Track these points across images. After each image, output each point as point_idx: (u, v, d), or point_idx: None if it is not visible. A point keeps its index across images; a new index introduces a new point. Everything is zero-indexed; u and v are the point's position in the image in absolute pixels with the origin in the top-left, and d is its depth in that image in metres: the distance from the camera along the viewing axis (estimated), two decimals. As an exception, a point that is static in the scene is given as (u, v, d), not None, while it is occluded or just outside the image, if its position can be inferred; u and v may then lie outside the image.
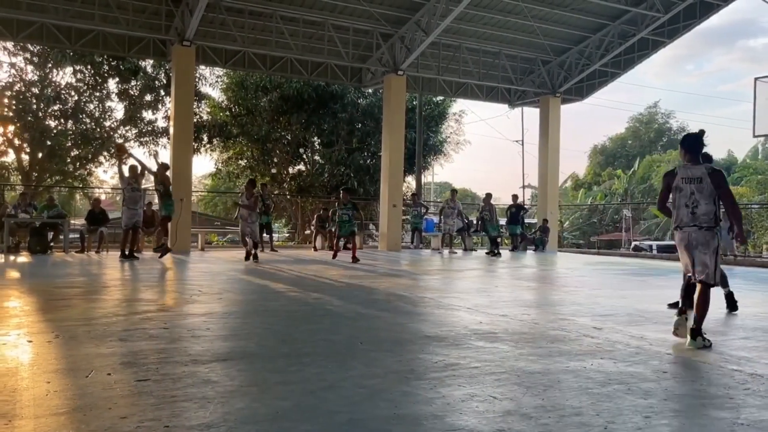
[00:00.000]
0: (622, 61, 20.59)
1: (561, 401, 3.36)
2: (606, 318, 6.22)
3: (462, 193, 60.58)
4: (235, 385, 3.58)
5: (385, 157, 19.08)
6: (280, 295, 7.92)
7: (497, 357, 4.40)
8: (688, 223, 5.05)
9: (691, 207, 5.01)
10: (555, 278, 11.56)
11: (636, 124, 58.64)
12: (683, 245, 5.13)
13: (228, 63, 18.25)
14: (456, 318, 6.25)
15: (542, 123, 21.81)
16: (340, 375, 3.81)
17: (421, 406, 3.26)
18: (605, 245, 37.28)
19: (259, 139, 25.68)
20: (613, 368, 4.14)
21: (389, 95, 18.72)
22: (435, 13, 16.33)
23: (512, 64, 20.66)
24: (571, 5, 17.94)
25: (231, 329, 5.38)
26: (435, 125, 27.85)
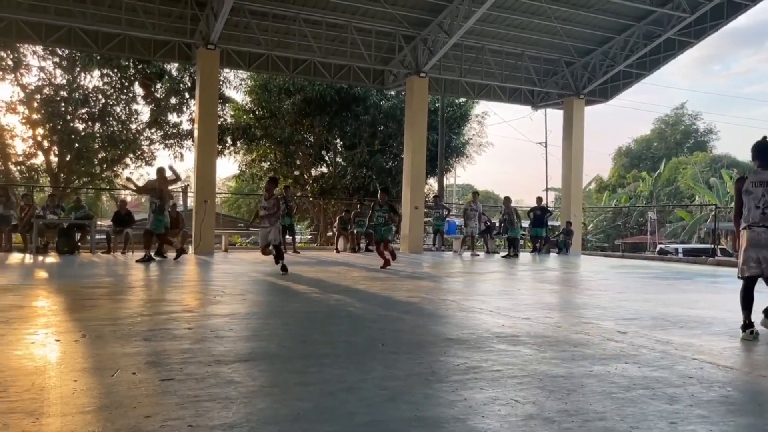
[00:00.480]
0: (647, 61, 20.33)
1: (584, 405, 3.33)
2: (630, 322, 6.14)
3: (484, 195, 60.36)
4: (256, 385, 3.60)
5: (407, 159, 19.08)
6: (302, 296, 7.96)
7: (520, 360, 4.37)
8: (758, 223, 5.30)
9: (762, 208, 5.29)
10: (578, 281, 11.44)
11: (661, 125, 57.89)
12: (752, 243, 5.37)
13: (252, 66, 18.41)
14: (478, 321, 6.21)
15: (566, 125, 21.63)
16: (360, 377, 3.82)
17: (442, 408, 3.25)
18: (630, 248, 36.88)
19: (282, 142, 25.86)
20: (638, 373, 4.09)
21: (411, 97, 18.72)
22: (458, 14, 16.30)
23: (535, 65, 20.53)
24: (595, 6, 17.77)
25: (253, 330, 5.42)
26: (457, 127, 27.78)
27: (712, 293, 9.69)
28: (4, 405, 3.08)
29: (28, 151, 25.18)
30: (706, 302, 8.26)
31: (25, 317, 5.70)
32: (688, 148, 55.23)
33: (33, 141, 24.88)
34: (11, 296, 7.06)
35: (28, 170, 25.33)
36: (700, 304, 7.91)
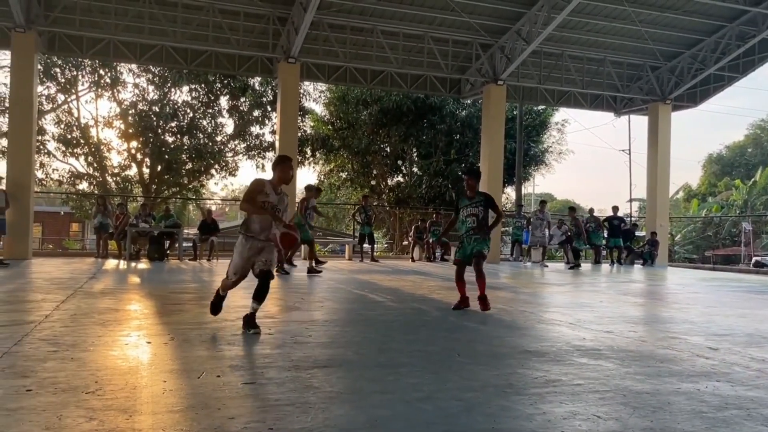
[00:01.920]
0: (740, 64, 19.29)
1: (671, 424, 3.19)
2: (722, 338, 5.82)
3: (563, 204, 58.76)
4: (334, 391, 3.66)
5: (483, 168, 18.86)
6: (378, 305, 8.03)
7: (602, 375, 4.23)
8: None
9: None
10: (664, 294, 10.96)
11: (757, 131, 54.67)
12: None
13: (330, 78, 18.80)
14: (557, 333, 6.06)
15: (651, 131, 20.81)
16: (436, 386, 3.81)
17: (520, 421, 3.19)
18: (722, 260, 34.90)
19: (360, 152, 26.23)
20: (731, 392, 3.87)
21: (488, 105, 18.56)
22: (536, 21, 16.04)
23: (618, 70, 19.89)
24: (683, 8, 17.04)
25: (331, 337, 5.51)
26: (536, 135, 27.30)
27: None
28: (100, 402, 3.28)
29: (123, 163, 26.74)
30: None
31: (120, 320, 6.04)
32: (786, 154, 51.86)
33: (127, 153, 26.40)
34: (107, 300, 7.50)
35: (123, 181, 26.87)
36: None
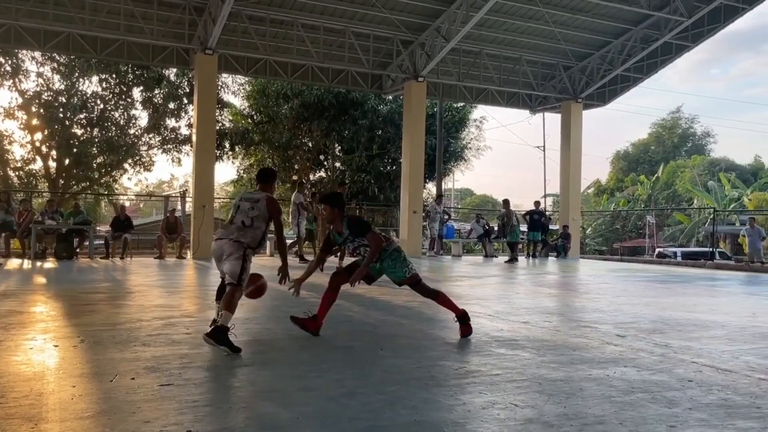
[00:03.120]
0: (645, 65, 20.38)
1: (583, 409, 3.33)
2: (629, 325, 6.14)
3: (482, 199, 60.39)
4: (256, 390, 3.60)
5: (405, 164, 19.11)
6: (301, 301, 7.95)
7: (518, 364, 4.37)
8: None
9: None
10: (577, 285, 11.45)
11: (659, 129, 57.99)
12: None
13: (250, 71, 18.44)
14: (477, 325, 6.21)
15: (564, 129, 21.66)
16: (359, 381, 3.82)
17: (441, 413, 3.25)
18: (628, 252, 36.90)
19: (281, 146, 25.89)
20: (637, 376, 4.09)
21: (409, 101, 18.76)
22: (455, 19, 16.34)
23: (533, 69, 20.58)
24: (593, 10, 17.82)
25: (252, 335, 5.42)
26: (455, 131, 27.82)
27: (710, 297, 9.70)
28: (2, 411, 3.08)
29: (26, 157, 25.18)
30: (705, 306, 8.28)
31: (24, 323, 5.69)
32: (685, 151, 55.33)
33: (31, 146, 24.88)
34: (10, 302, 7.05)
35: (27, 176, 25.31)
36: (699, 308, 7.92)
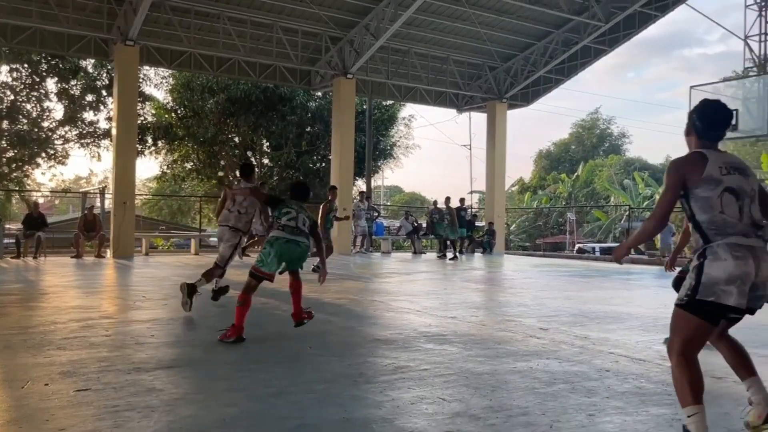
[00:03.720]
0: (565, 68, 21.12)
1: (508, 401, 3.42)
2: (551, 319, 6.36)
3: (411, 196, 60.98)
4: (180, 392, 3.49)
5: (334, 161, 19.04)
6: (227, 300, 7.78)
7: (446, 359, 4.44)
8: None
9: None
10: (502, 280, 11.76)
11: (579, 129, 60.29)
12: None
13: (173, 64, 17.87)
14: (406, 321, 6.27)
15: (489, 128, 22.16)
16: (288, 380, 3.78)
17: (370, 409, 3.26)
18: (550, 248, 38.18)
19: (206, 142, 25.24)
20: (558, 368, 4.23)
21: (339, 98, 18.70)
22: (384, 17, 16.40)
23: (460, 69, 20.94)
24: (517, 13, 18.31)
25: (176, 336, 5.26)
26: (384, 129, 27.94)
27: (625, 290, 10.17)
28: None
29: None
30: (621, 298, 8.67)
31: (-76, 328, 5.30)
32: (603, 151, 57.76)
33: (-67, 139, 23.22)
34: None
35: (-73, 170, 23.63)
36: (615, 301, 8.30)
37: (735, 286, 2.64)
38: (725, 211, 2.73)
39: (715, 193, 2.75)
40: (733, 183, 2.77)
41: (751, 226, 2.75)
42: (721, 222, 2.73)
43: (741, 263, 2.66)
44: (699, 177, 2.77)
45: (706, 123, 2.93)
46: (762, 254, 2.73)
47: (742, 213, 2.75)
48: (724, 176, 2.77)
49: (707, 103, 3.01)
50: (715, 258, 2.70)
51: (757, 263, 2.68)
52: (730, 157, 2.88)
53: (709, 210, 2.75)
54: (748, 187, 2.79)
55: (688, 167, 2.82)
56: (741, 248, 2.69)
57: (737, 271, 2.65)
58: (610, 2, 17.70)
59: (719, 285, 2.66)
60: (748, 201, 2.78)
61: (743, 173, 2.83)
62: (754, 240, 2.73)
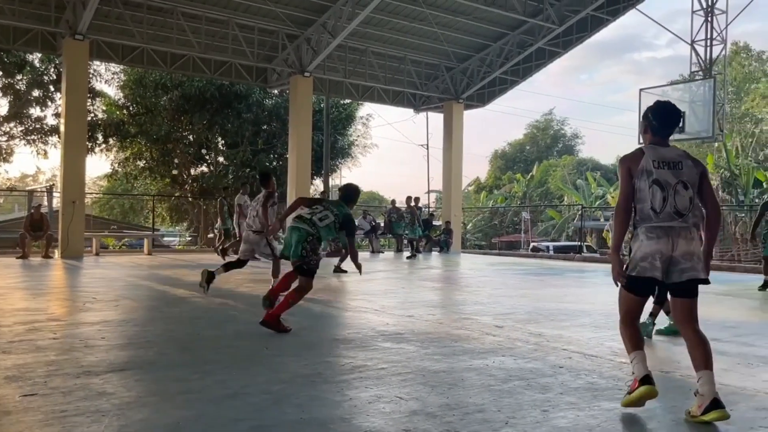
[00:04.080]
0: (520, 69, 21.45)
1: (465, 399, 3.45)
2: (507, 316, 6.45)
3: (369, 196, 61.00)
4: (132, 396, 3.41)
5: (291, 159, 18.89)
6: (182, 301, 7.65)
7: (404, 358, 4.46)
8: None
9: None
10: (459, 279, 11.87)
11: (534, 130, 61.37)
12: None
13: (125, 59, 17.43)
14: (363, 320, 6.27)
15: (446, 128, 22.34)
16: (244, 382, 3.73)
17: (328, 409, 3.24)
18: (506, 246, 38.74)
19: (159, 139, 24.72)
20: (514, 365, 4.30)
21: (296, 96, 18.56)
22: (341, 16, 16.35)
23: (417, 69, 21.04)
24: (473, 14, 18.50)
25: (128, 338, 5.13)
26: (342, 128, 27.87)
27: (578, 287, 10.40)
28: None
29: None
30: (574, 296, 8.86)
31: None
32: (557, 151, 58.94)
33: None
34: None
35: None
36: (569, 298, 8.47)
37: (648, 262, 3.16)
38: (653, 201, 3.18)
39: (647, 185, 3.19)
40: (661, 176, 3.19)
41: (674, 213, 3.18)
42: (647, 211, 3.20)
43: (653, 242, 3.16)
44: (637, 169, 3.23)
45: (659, 121, 3.35)
46: (679, 234, 3.17)
47: (666, 202, 3.18)
48: (656, 169, 3.20)
49: (661, 103, 3.43)
50: (636, 240, 3.24)
51: (674, 241, 3.15)
52: (668, 152, 3.28)
53: (642, 200, 3.21)
54: (675, 180, 3.19)
55: (632, 161, 3.28)
56: (657, 230, 3.17)
57: (649, 249, 3.16)
58: (564, 5, 18.07)
59: (639, 261, 3.19)
60: (672, 192, 3.18)
61: (675, 167, 3.23)
62: (672, 222, 3.17)
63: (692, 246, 3.19)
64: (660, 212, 3.17)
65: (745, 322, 6.45)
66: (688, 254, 3.17)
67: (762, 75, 42.09)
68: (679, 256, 3.16)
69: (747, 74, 42.76)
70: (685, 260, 3.16)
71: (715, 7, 16.64)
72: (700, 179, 3.27)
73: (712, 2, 16.65)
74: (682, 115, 3.38)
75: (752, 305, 8.25)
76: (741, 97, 40.45)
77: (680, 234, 3.17)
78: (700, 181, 3.28)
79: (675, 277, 3.17)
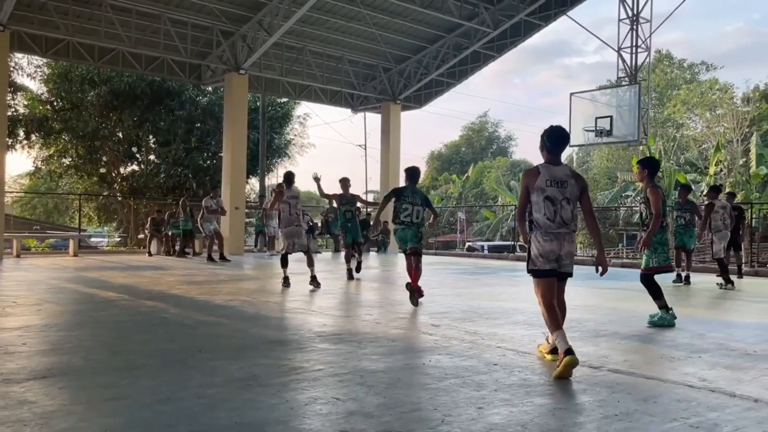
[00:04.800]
0: (456, 71, 21.80)
1: (401, 398, 3.47)
2: (443, 315, 6.52)
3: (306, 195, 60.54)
4: (56, 404, 3.26)
5: (226, 158, 18.53)
6: (111, 304, 7.37)
7: (341, 358, 4.44)
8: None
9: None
10: (396, 279, 11.92)
11: (469, 132, 62.49)
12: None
13: (49, 52, 16.68)
14: (300, 321, 6.22)
15: (384, 128, 22.46)
16: (177, 386, 3.62)
17: (264, 412, 3.19)
18: (442, 246, 39.29)
19: (86, 136, 23.77)
20: (450, 363, 4.35)
21: (231, 94, 18.22)
22: (278, 13, 16.16)
23: (355, 69, 21.05)
24: (410, 16, 18.67)
25: (52, 343, 4.90)
26: (279, 127, 27.57)
27: (512, 286, 10.64)
28: None
29: None
30: (508, 294, 9.06)
31: None
32: (491, 153, 60.23)
33: None
34: None
35: None
36: (503, 296, 8.66)
37: (545, 259, 4.21)
38: (546, 212, 4.15)
39: (541, 199, 4.15)
40: (551, 193, 4.16)
41: (561, 222, 4.18)
42: (542, 220, 4.17)
43: (547, 245, 4.19)
44: (534, 185, 4.18)
45: (551, 142, 4.29)
46: (564, 238, 4.20)
47: (556, 214, 4.17)
48: (548, 187, 4.16)
49: (553, 127, 4.36)
50: (534, 242, 4.23)
51: (560, 244, 4.20)
52: (558, 172, 4.23)
53: (538, 211, 4.18)
54: (561, 196, 4.18)
55: (530, 178, 4.23)
56: (549, 234, 4.18)
57: (544, 250, 4.19)
58: (498, 10, 18.48)
59: (537, 258, 4.23)
60: (559, 206, 4.16)
61: (562, 185, 4.20)
62: (560, 230, 4.18)
63: (572, 247, 4.29)
64: (553, 221, 4.15)
65: (667, 317, 6.76)
66: (569, 254, 4.26)
67: (683, 82, 44.34)
68: (564, 255, 4.22)
69: (669, 81, 44.95)
70: (566, 258, 4.24)
71: (640, 16, 17.39)
72: (580, 193, 4.27)
73: (638, 11, 17.40)
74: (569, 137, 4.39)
75: (675, 301, 8.66)
76: (664, 102, 42.47)
77: (565, 238, 4.21)
78: (581, 195, 4.28)
79: (561, 268, 4.26)
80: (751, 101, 35.37)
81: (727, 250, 12.26)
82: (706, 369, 4.30)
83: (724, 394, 3.68)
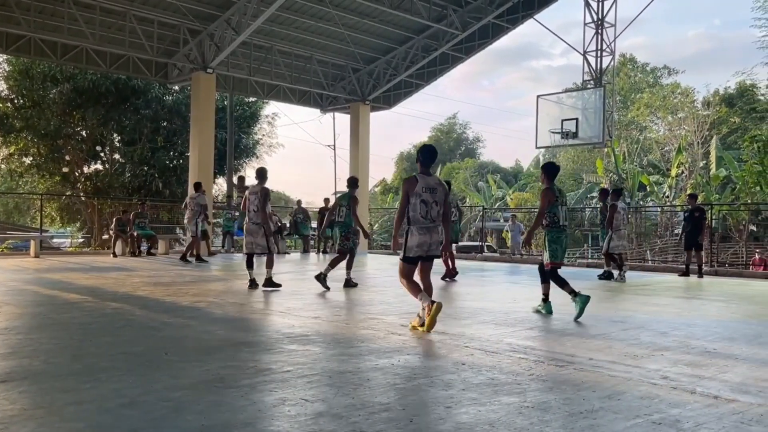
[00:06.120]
0: (425, 73, 21.90)
1: (370, 398, 3.47)
2: (411, 315, 6.53)
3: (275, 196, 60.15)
4: (16, 409, 3.18)
5: (193, 158, 18.28)
6: (73, 306, 7.21)
7: (309, 359, 4.42)
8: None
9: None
10: (365, 279, 11.92)
11: (438, 133, 62.80)
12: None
13: (9, 48, 16.25)
14: (268, 322, 6.18)
15: (353, 129, 22.43)
16: (142, 389, 3.57)
17: (231, 414, 3.16)
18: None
19: (48, 135, 23.19)
20: (418, 363, 4.37)
21: (198, 93, 17.98)
22: (246, 12, 16.02)
23: (324, 69, 20.98)
24: (379, 17, 18.69)
25: (11, 347, 4.77)
26: (247, 126, 27.31)
27: (480, 286, 10.74)
28: None
29: None
30: (475, 294, 9.14)
31: None
32: (460, 154, 60.63)
33: None
34: None
35: None
36: (470, 296, 8.73)
37: (417, 247, 5.49)
38: (420, 211, 5.44)
39: (418, 202, 5.43)
40: (425, 197, 5.47)
41: (431, 219, 5.49)
42: (417, 217, 5.47)
43: (421, 236, 5.47)
44: (413, 191, 5.45)
45: (423, 157, 5.66)
46: (433, 231, 5.50)
47: (428, 213, 5.47)
48: (423, 193, 5.45)
49: (425, 146, 5.80)
50: (410, 234, 5.49)
51: (430, 236, 5.49)
52: (431, 180, 5.55)
53: (414, 211, 5.46)
54: (432, 200, 5.49)
55: (410, 185, 5.50)
56: (423, 228, 5.47)
57: (419, 240, 5.47)
58: (467, 12, 18.62)
59: (414, 247, 5.50)
60: (431, 207, 5.47)
61: (433, 192, 5.52)
62: (431, 224, 5.49)
63: (439, 237, 5.55)
64: (426, 218, 5.44)
65: (631, 316, 6.89)
66: (436, 242, 5.55)
67: (646, 85, 45.29)
68: (432, 243, 5.52)
69: (633, 84, 45.87)
70: (434, 245, 5.54)
71: (605, 20, 17.70)
72: (444, 197, 5.60)
73: (603, 16, 17.71)
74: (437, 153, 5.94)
75: (639, 300, 8.84)
76: (627, 105, 43.31)
77: (433, 231, 5.50)
78: (444, 198, 5.60)
79: (430, 252, 5.57)
80: (711, 105, 36.30)
81: (688, 250, 13.11)
82: (668, 366, 4.40)
83: (686, 391, 3.78)
